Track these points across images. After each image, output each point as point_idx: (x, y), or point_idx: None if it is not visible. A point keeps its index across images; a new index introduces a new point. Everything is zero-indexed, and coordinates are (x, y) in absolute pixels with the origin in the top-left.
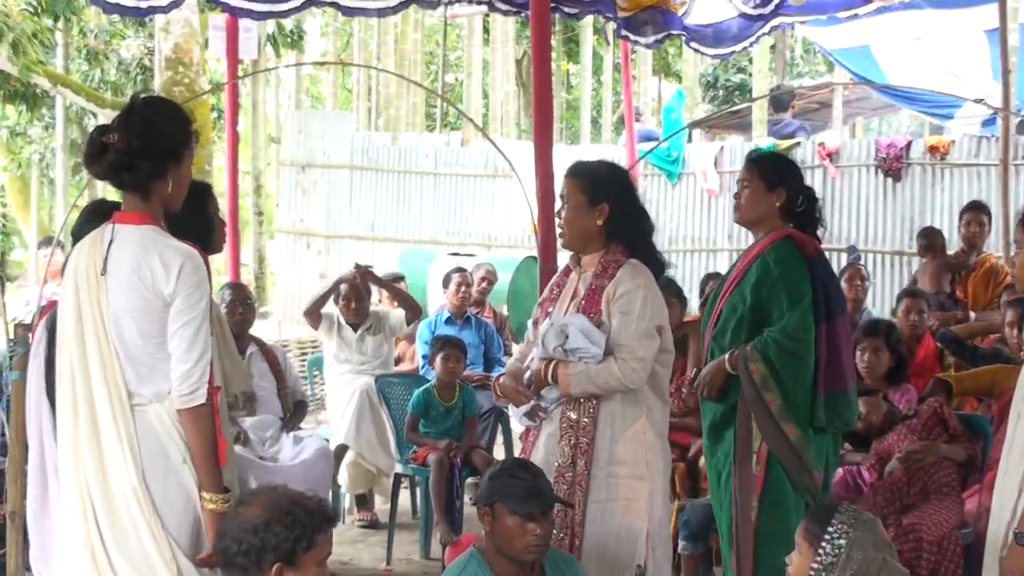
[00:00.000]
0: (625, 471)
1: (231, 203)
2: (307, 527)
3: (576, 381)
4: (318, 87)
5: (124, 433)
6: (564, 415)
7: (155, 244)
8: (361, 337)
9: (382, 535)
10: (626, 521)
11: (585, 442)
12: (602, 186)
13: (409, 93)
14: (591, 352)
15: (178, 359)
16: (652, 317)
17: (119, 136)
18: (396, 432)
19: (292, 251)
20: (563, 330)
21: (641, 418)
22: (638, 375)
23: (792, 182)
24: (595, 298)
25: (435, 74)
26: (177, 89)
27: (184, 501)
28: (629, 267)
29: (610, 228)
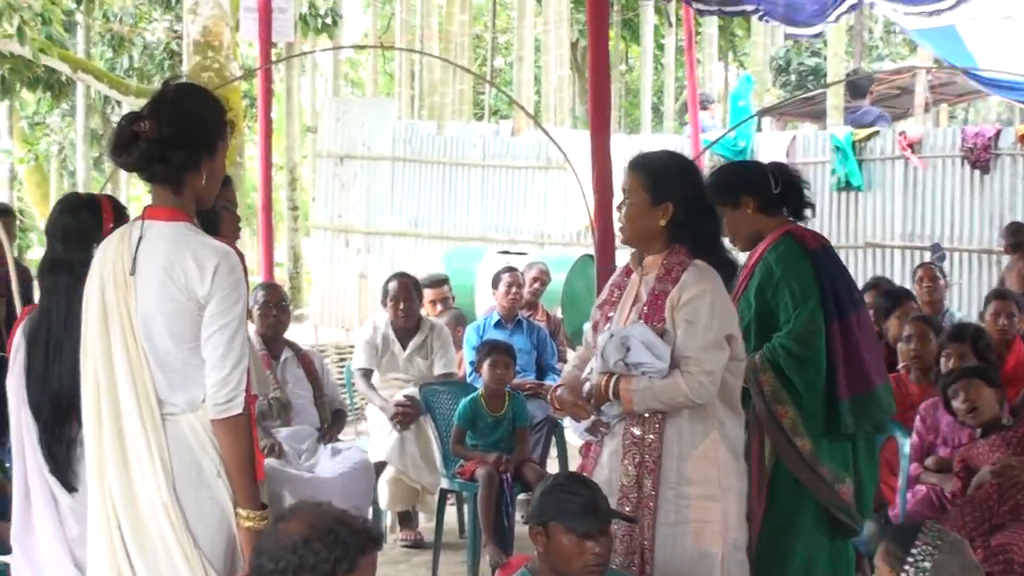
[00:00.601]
0: (696, 491)
1: (264, 197)
2: (350, 547)
3: (640, 398)
4: (357, 72)
5: (154, 444)
6: (627, 431)
7: (188, 242)
8: (410, 358)
9: (427, 555)
10: (699, 546)
11: (651, 461)
12: (667, 184)
13: (455, 79)
14: (655, 367)
15: (213, 366)
16: (720, 325)
17: (151, 124)
18: (442, 445)
19: (329, 249)
20: (624, 343)
21: (712, 433)
22: (706, 389)
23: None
24: (658, 304)
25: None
26: (206, 75)
27: (218, 517)
28: (694, 270)
29: (673, 229)
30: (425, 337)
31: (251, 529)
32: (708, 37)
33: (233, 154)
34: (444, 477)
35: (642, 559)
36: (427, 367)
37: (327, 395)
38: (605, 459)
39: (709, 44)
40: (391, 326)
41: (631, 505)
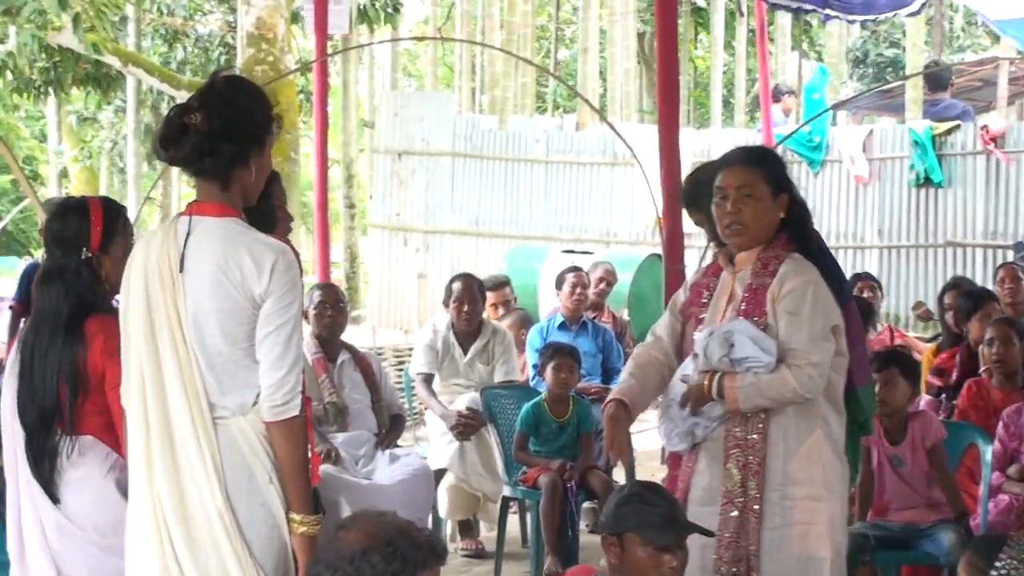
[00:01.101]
0: (801, 492)
1: (320, 195)
2: (408, 561)
3: (745, 395)
4: (416, 65)
5: (207, 449)
6: (729, 433)
7: (243, 238)
8: (471, 363)
9: (488, 565)
10: (805, 549)
11: (756, 462)
12: (782, 174)
13: (517, 71)
14: (762, 361)
15: (270, 366)
16: (825, 317)
17: (202, 116)
18: (504, 451)
19: (387, 248)
20: (727, 338)
21: (816, 431)
22: (815, 383)
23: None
24: (758, 299)
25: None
26: (260, 68)
27: (270, 525)
28: (792, 262)
29: (786, 220)
30: (487, 341)
31: (305, 535)
32: (781, 27)
33: (287, 150)
34: (506, 485)
35: (747, 566)
36: (488, 373)
37: (385, 399)
38: (704, 466)
39: (782, 35)
40: (452, 329)
41: (737, 510)
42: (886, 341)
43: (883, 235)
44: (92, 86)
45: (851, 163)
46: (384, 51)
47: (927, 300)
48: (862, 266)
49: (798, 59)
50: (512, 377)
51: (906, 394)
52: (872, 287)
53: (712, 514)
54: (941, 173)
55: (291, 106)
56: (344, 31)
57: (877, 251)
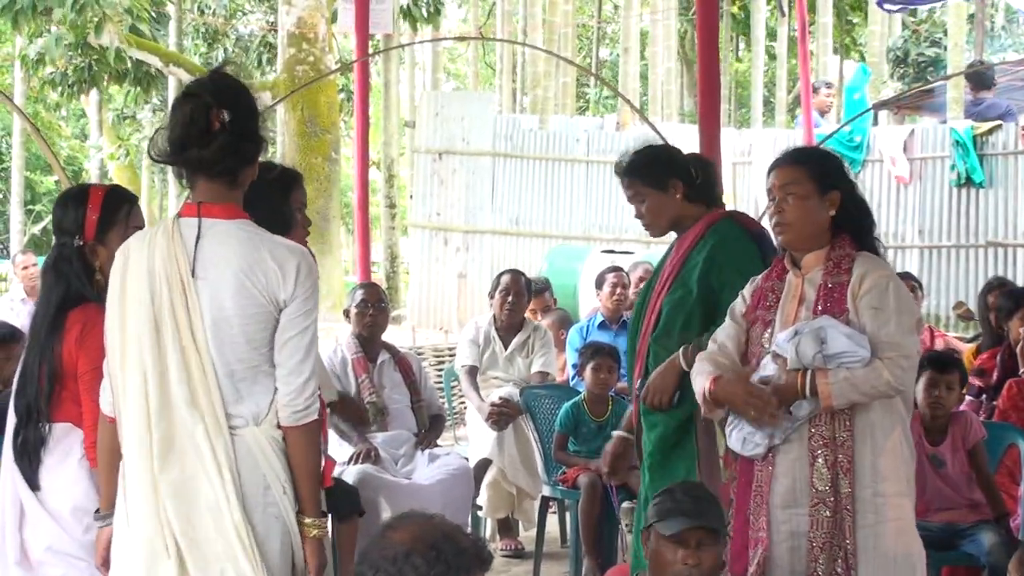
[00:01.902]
0: (891, 488)
1: (360, 195)
2: (452, 566)
3: (839, 390)
4: (456, 65)
5: (224, 462)
6: (815, 433)
7: (263, 242)
8: (511, 357)
9: (527, 564)
10: (901, 546)
11: (846, 460)
12: (831, 170)
13: (558, 71)
14: (858, 355)
15: (291, 371)
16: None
17: (229, 115)
18: (543, 451)
19: (427, 248)
20: (819, 334)
21: (898, 427)
22: (908, 375)
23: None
24: (836, 297)
25: (588, 50)
26: (301, 68)
27: (283, 536)
28: (867, 259)
29: (840, 219)
30: (527, 337)
31: (316, 537)
32: (822, 27)
33: (328, 150)
34: (546, 484)
35: (846, 564)
36: (527, 366)
37: (425, 399)
38: (783, 469)
39: (823, 34)
40: (494, 324)
41: (829, 510)
42: (926, 342)
43: (924, 235)
44: (131, 84)
45: (892, 163)
46: (425, 51)
47: (968, 300)
48: (903, 266)
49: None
50: (549, 370)
51: (959, 398)
52: (913, 287)
53: (798, 516)
54: (982, 173)
55: (332, 106)
56: (387, 30)
57: (918, 251)
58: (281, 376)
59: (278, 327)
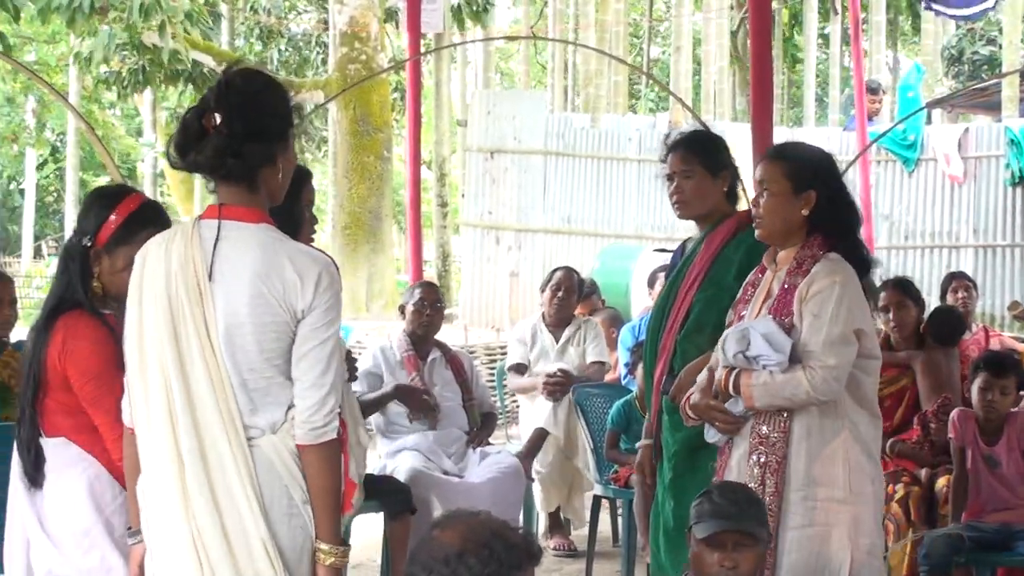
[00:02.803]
0: (823, 493)
1: (412, 193)
2: (504, 563)
3: (759, 393)
4: (508, 64)
5: (245, 473)
6: (755, 430)
7: (284, 249)
8: (563, 348)
9: (579, 563)
10: (825, 551)
11: (775, 460)
12: (808, 170)
13: (610, 70)
14: (773, 359)
15: (311, 385)
16: (848, 319)
17: (221, 117)
18: (595, 449)
19: (479, 247)
20: (744, 334)
21: (843, 433)
22: (829, 386)
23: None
24: (787, 298)
25: (639, 48)
26: (353, 67)
27: (308, 550)
28: (826, 263)
29: (815, 219)
30: (577, 329)
31: (333, 566)
32: (875, 25)
33: (380, 149)
34: (597, 483)
35: (773, 563)
36: (579, 355)
37: (476, 398)
38: (734, 463)
39: (876, 33)
40: (543, 320)
41: None
42: (981, 342)
43: (978, 234)
44: (185, 84)
45: (946, 162)
46: (476, 50)
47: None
48: (957, 265)
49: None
50: (603, 358)
51: (1015, 400)
52: (967, 287)
53: None
54: None
55: (384, 105)
56: (438, 29)
57: (972, 250)
58: (299, 391)
59: (296, 339)
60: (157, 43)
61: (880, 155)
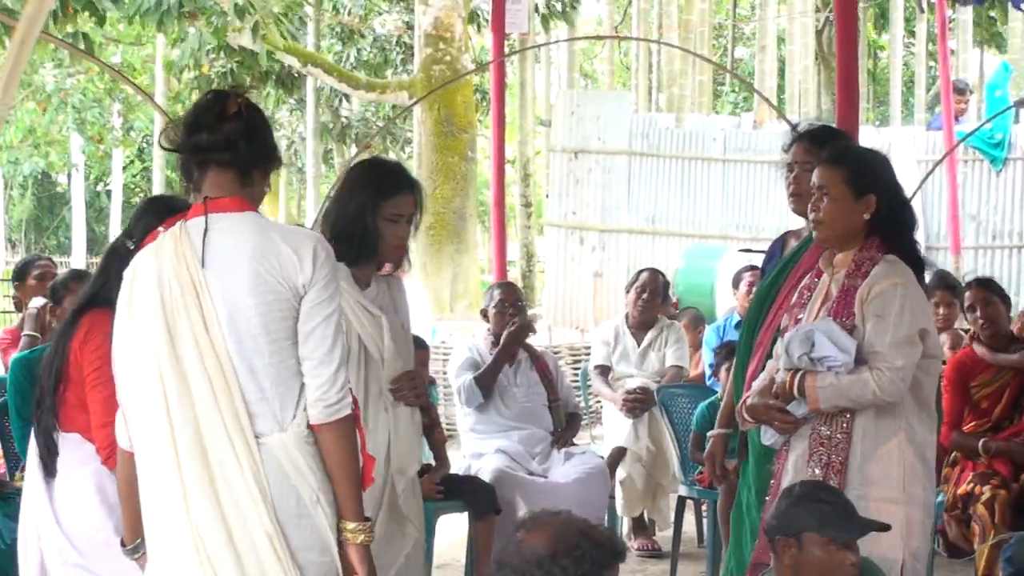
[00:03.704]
0: (877, 492)
1: (496, 193)
2: (595, 563)
3: (825, 395)
4: (592, 64)
5: (249, 468)
6: (815, 431)
7: (273, 228)
8: (644, 353)
9: (664, 564)
10: (877, 551)
11: (838, 461)
12: (868, 174)
13: (695, 69)
14: (839, 360)
15: (320, 361)
16: (912, 320)
17: (244, 103)
18: (680, 451)
19: (563, 247)
20: (808, 336)
21: (899, 434)
22: (896, 387)
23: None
24: (847, 300)
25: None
26: (438, 68)
27: (320, 549)
28: (885, 264)
29: (874, 222)
30: (660, 332)
31: (362, 544)
32: (962, 23)
33: (464, 149)
34: (682, 484)
35: None
36: (660, 361)
37: (561, 398)
38: (791, 464)
39: (963, 31)
40: (627, 322)
41: None
42: None
43: None
44: (273, 86)
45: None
46: (560, 50)
47: None
48: None
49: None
50: (683, 364)
51: None
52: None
53: None
54: None
55: (468, 105)
56: (523, 30)
57: None
58: (309, 369)
59: (299, 317)
60: (244, 45)
61: (967, 154)
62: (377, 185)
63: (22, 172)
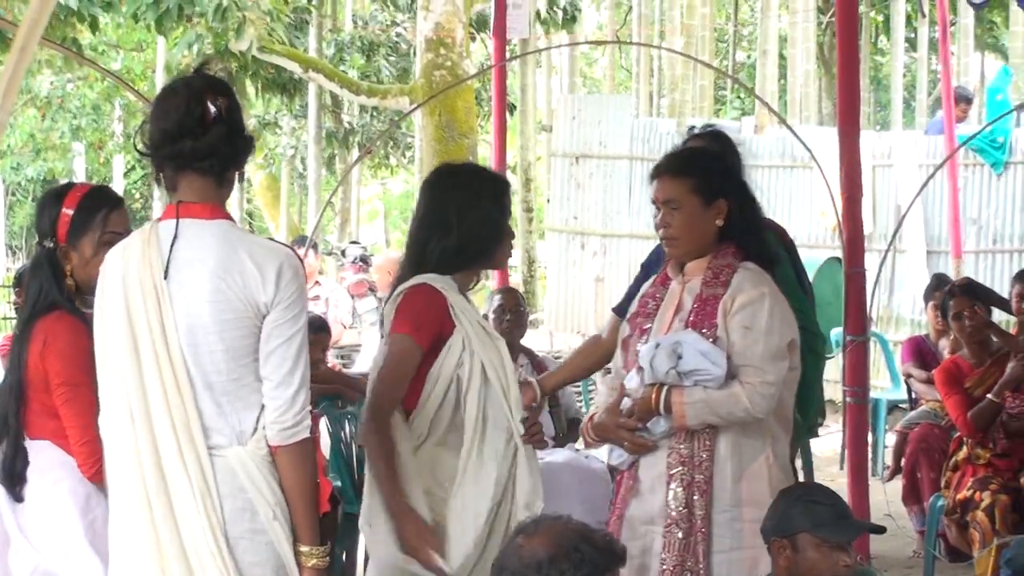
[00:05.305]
0: (750, 513)
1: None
2: (595, 567)
3: (694, 411)
4: (592, 69)
5: (197, 483)
6: (673, 450)
7: (241, 241)
8: None
9: None
10: (757, 574)
11: (703, 480)
12: (716, 180)
13: (696, 74)
14: (712, 374)
15: (279, 383)
16: (782, 332)
17: (225, 103)
18: None
19: (565, 252)
20: (675, 349)
21: (766, 450)
22: (768, 403)
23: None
24: (707, 311)
25: (725, 52)
26: (438, 73)
27: (275, 566)
28: (747, 272)
29: (727, 227)
30: None
31: (316, 567)
32: (963, 28)
33: (466, 154)
34: None
35: None
36: None
37: (563, 404)
38: (647, 486)
39: (964, 35)
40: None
41: (682, 531)
42: None
43: None
44: (274, 92)
45: None
46: (562, 55)
47: None
48: None
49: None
50: None
51: None
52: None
53: (652, 533)
54: None
55: (469, 110)
56: (523, 35)
57: None
58: (268, 390)
59: (261, 336)
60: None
61: (968, 158)
62: (495, 185)
63: (26, 177)
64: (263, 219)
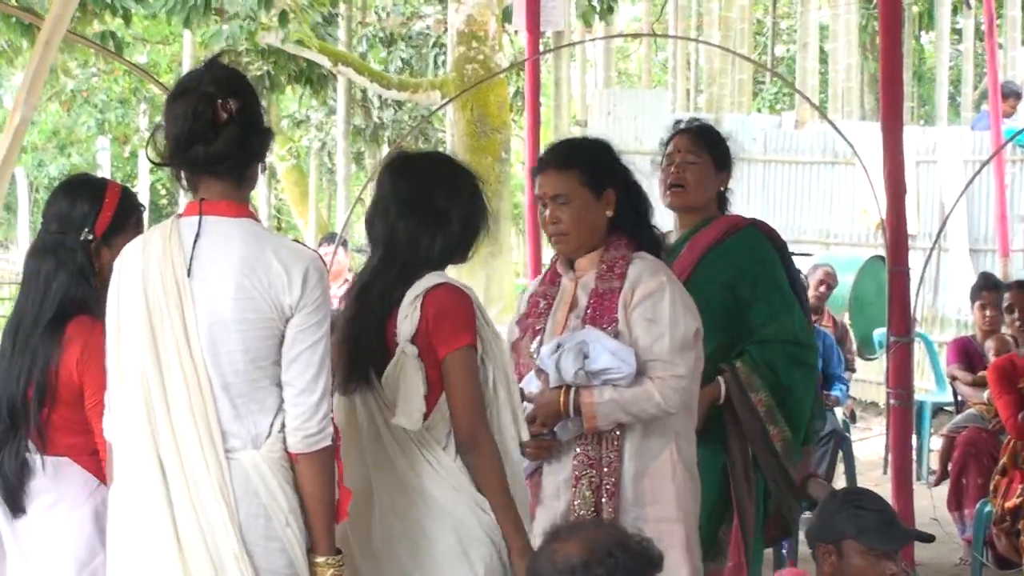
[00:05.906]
0: (655, 512)
1: (531, 195)
2: (629, 572)
3: (605, 411)
4: (627, 63)
5: (218, 486)
6: (580, 452)
7: (268, 242)
8: None
9: None
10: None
11: (611, 482)
12: (602, 170)
13: (734, 68)
14: (623, 372)
15: (303, 390)
16: (687, 321)
17: (237, 104)
18: None
19: None
20: (581, 349)
21: (669, 447)
22: (680, 396)
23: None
24: (605, 305)
25: (764, 46)
26: (471, 67)
27: (289, 574)
28: (642, 262)
29: (616, 217)
30: None
31: None
32: (1011, 20)
33: (498, 150)
34: None
35: None
36: None
37: None
38: (552, 491)
39: (1012, 27)
40: None
41: None
42: None
43: None
44: (304, 85)
45: None
46: (597, 49)
47: None
48: None
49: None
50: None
51: None
52: None
53: None
54: None
55: (502, 105)
56: (558, 27)
57: None
58: (290, 396)
59: (284, 340)
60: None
61: (1015, 154)
62: (469, 174)
63: (48, 174)
64: (291, 215)
